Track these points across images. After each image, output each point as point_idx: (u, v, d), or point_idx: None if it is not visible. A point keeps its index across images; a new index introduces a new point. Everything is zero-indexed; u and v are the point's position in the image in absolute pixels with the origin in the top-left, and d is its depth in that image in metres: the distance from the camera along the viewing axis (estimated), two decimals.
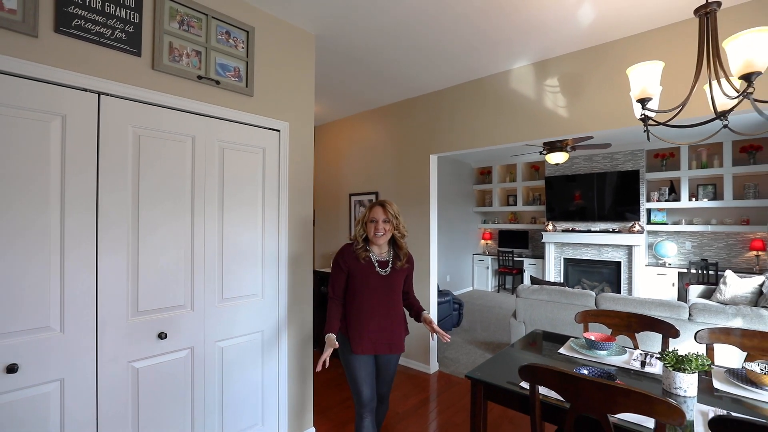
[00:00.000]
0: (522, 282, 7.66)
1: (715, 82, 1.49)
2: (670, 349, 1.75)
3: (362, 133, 4.29)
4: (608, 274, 6.65)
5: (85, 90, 1.60)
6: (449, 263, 7.54)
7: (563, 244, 7.08)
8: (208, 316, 1.98)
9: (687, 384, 1.51)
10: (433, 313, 3.63)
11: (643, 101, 1.61)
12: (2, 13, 1.41)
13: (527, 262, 7.60)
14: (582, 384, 1.29)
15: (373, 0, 2.14)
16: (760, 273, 5.19)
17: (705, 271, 5.67)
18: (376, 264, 1.95)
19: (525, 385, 1.60)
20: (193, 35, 1.92)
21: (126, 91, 1.70)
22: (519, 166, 7.84)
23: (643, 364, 1.83)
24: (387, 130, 4.02)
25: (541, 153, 5.23)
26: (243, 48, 2.12)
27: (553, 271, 7.15)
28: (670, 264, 6.25)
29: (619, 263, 6.52)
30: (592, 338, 2.03)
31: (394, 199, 3.88)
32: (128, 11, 1.71)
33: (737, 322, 2.80)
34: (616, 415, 1.35)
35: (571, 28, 2.45)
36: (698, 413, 1.40)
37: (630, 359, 1.89)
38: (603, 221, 6.69)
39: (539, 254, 7.64)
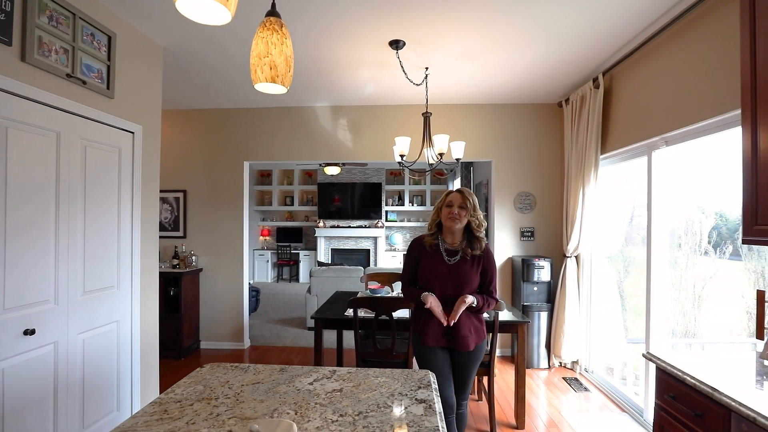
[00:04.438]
0: (298, 272, 8.95)
1: (429, 149, 3.08)
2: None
3: (174, 131, 4.30)
4: (362, 258, 8.88)
5: None
6: None
7: (331, 237, 8.85)
8: (72, 310, 2.04)
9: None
10: (244, 302, 4.23)
11: (401, 155, 3.05)
12: None
13: (302, 254, 8.95)
14: (380, 300, 2.52)
15: (211, 30, 2.56)
16: None
17: None
18: (444, 253, 1.88)
19: (349, 312, 2.72)
20: (62, 32, 1.96)
21: None
22: (296, 171, 9.09)
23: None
24: (202, 132, 4.26)
25: (320, 165, 6.61)
26: (105, 51, 2.24)
27: (324, 259, 8.79)
28: (398, 248, 9.08)
29: (368, 250, 8.86)
30: (373, 288, 3.39)
31: (204, 200, 4.20)
32: None
33: None
34: (394, 312, 2.66)
35: (359, 92, 3.78)
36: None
37: (391, 293, 3.35)
38: (355, 219, 8.86)
39: (312, 247, 9.13)
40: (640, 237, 3.26)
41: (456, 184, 7.54)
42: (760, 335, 1.70)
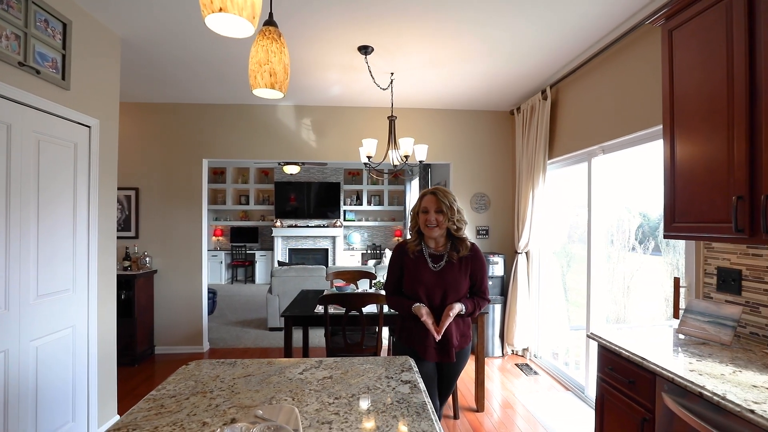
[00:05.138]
0: (254, 273, 8.71)
1: (393, 151, 3.22)
2: (375, 282, 3.41)
3: (126, 125, 4.03)
4: (321, 258, 8.85)
5: None
6: None
7: (289, 237, 8.72)
8: (24, 315, 1.91)
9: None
10: (203, 305, 4.10)
11: (368, 157, 3.16)
12: None
13: (258, 254, 8.73)
14: (350, 296, 2.60)
15: (173, 16, 2.36)
16: None
17: (376, 251, 8.81)
18: (429, 259, 1.76)
19: (320, 309, 2.77)
20: (13, 17, 1.83)
21: None
22: (252, 170, 8.84)
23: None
24: (157, 127, 4.06)
25: (279, 164, 6.53)
26: (60, 39, 2.11)
27: (281, 259, 8.64)
28: (355, 248, 9.16)
29: (327, 249, 8.85)
30: (339, 285, 3.47)
31: (159, 198, 4.02)
32: None
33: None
34: (364, 308, 2.76)
35: (325, 93, 3.83)
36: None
37: (357, 290, 3.44)
38: (311, 218, 8.80)
39: (268, 247, 8.93)
40: (578, 234, 3.65)
41: (414, 185, 7.79)
42: (676, 315, 2.03)
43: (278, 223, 8.57)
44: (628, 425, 1.56)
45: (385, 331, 3.79)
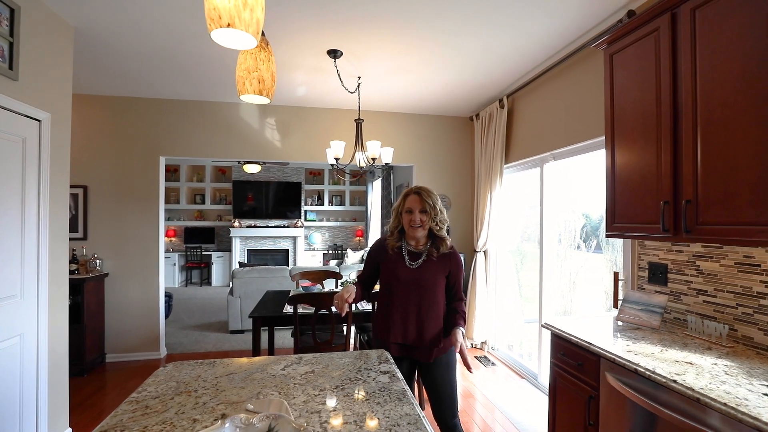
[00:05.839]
0: (210, 275, 8.38)
1: (360, 153, 3.29)
2: (341, 282, 3.46)
3: (74, 118, 3.75)
4: (281, 259, 8.70)
5: None
6: None
7: (247, 237, 8.49)
8: None
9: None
10: (160, 309, 3.92)
11: (336, 158, 3.21)
12: None
13: (215, 256, 8.41)
14: (319, 295, 2.65)
15: (134, 6, 2.26)
16: (361, 249, 8.78)
17: (337, 251, 8.81)
18: (407, 256, 1.75)
19: (288, 308, 2.78)
20: None
21: None
22: (208, 168, 8.50)
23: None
24: (110, 122, 3.82)
25: (239, 162, 6.36)
26: (7, 26, 1.96)
27: (239, 260, 8.38)
28: (317, 248, 9.10)
29: (287, 250, 8.72)
30: (305, 285, 3.48)
31: (111, 197, 3.80)
32: None
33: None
34: (333, 306, 2.80)
35: (291, 93, 3.82)
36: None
37: (323, 288, 3.48)
38: (270, 218, 8.62)
39: (226, 248, 8.63)
40: (530, 234, 3.95)
41: (376, 186, 7.90)
42: (615, 305, 2.29)
43: (236, 223, 8.31)
44: (577, 403, 1.76)
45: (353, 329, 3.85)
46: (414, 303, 1.73)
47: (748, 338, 1.63)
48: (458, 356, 1.70)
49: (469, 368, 1.58)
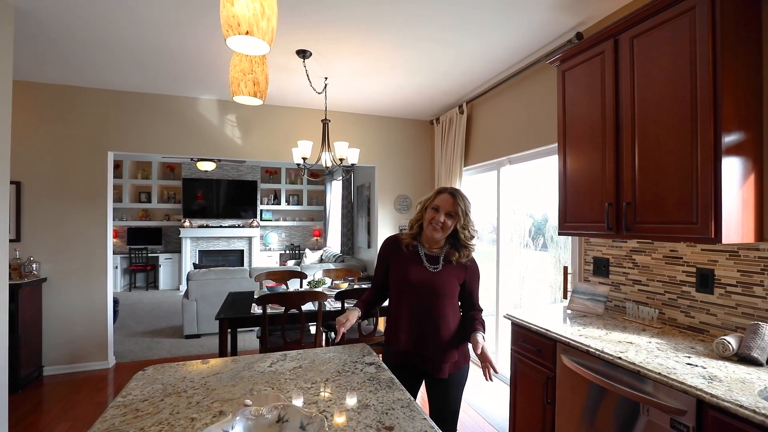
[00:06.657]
0: (157, 278, 7.88)
1: (326, 153, 3.33)
2: (306, 281, 3.47)
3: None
4: (236, 260, 8.39)
5: None
6: None
7: (199, 238, 8.09)
8: None
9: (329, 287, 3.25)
10: (108, 315, 3.67)
11: (303, 158, 3.21)
12: None
13: (163, 257, 7.91)
14: (289, 295, 2.65)
15: None
16: (319, 249, 8.72)
17: (295, 251, 8.68)
18: (424, 257, 1.62)
19: (257, 309, 2.75)
20: None
21: None
22: (154, 164, 7.98)
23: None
24: (50, 112, 3.48)
25: (192, 160, 6.06)
26: None
27: (190, 262, 7.97)
28: (273, 248, 8.90)
29: (242, 250, 8.43)
30: (270, 285, 3.44)
31: (50, 195, 3.49)
32: None
33: (328, 266, 5.17)
34: (303, 305, 2.82)
35: None
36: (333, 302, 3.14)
37: (287, 288, 3.46)
38: (221, 218, 8.28)
39: (175, 249, 8.16)
40: (484, 233, 4.21)
41: (335, 185, 7.89)
42: (565, 296, 2.55)
43: (187, 223, 7.89)
44: (536, 385, 1.95)
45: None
46: (424, 309, 1.59)
47: (673, 320, 1.91)
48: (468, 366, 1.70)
49: (490, 375, 1.52)
